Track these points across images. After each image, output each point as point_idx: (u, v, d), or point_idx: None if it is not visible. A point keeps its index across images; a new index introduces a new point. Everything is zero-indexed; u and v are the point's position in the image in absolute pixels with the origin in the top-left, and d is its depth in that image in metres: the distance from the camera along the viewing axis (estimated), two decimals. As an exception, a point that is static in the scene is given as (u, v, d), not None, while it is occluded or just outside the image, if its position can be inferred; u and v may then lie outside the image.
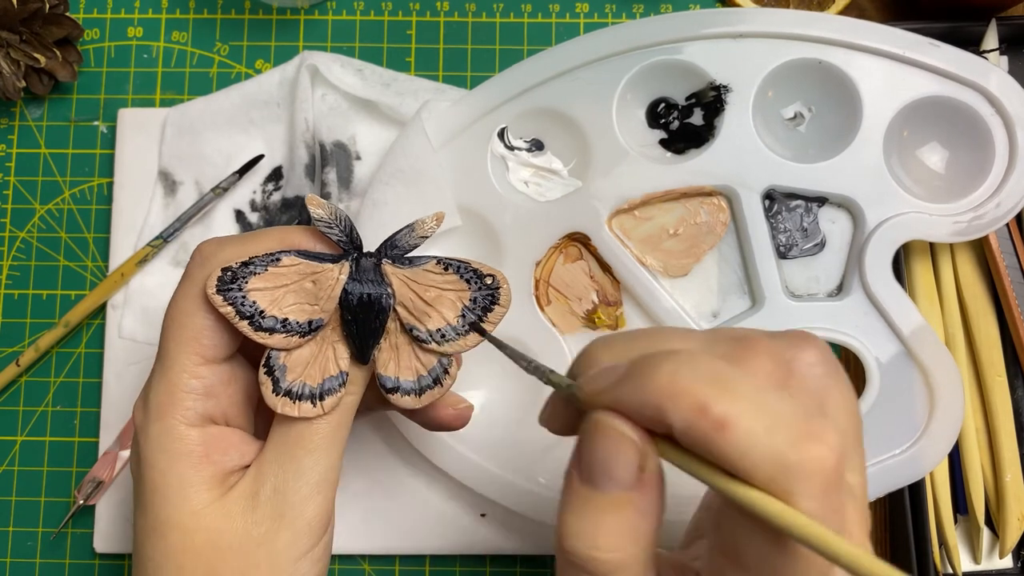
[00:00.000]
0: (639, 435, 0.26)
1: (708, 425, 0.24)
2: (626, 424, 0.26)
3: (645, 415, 0.25)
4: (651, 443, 0.26)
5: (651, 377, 0.25)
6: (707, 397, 0.24)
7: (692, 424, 0.24)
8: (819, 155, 0.46)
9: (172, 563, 0.33)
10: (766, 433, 0.24)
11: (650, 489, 0.27)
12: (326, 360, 0.35)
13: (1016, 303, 0.47)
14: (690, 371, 0.25)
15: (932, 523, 0.46)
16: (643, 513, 0.27)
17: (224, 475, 0.34)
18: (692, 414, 0.24)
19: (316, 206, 0.33)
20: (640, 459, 0.26)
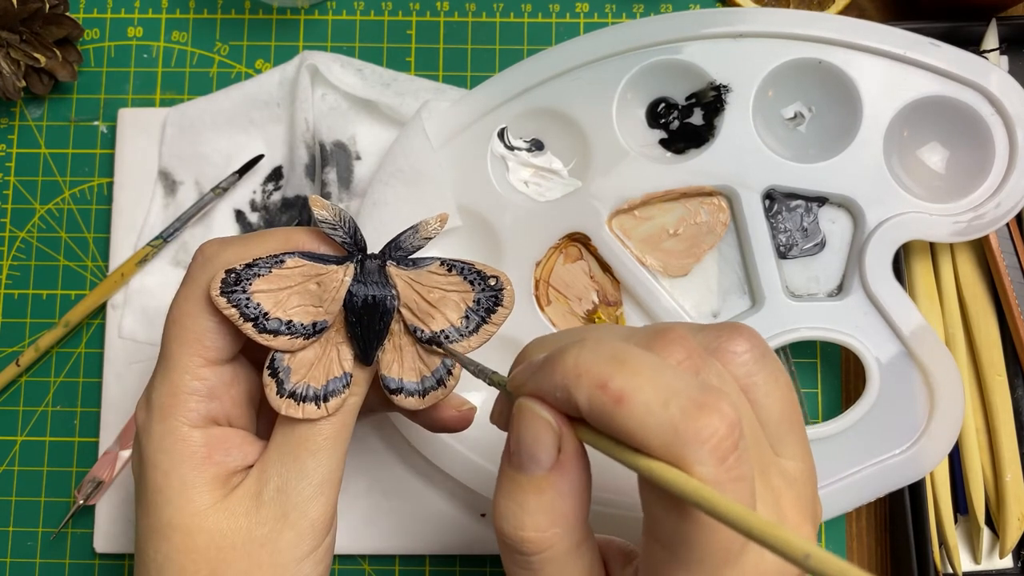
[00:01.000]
0: (556, 418, 0.28)
1: (608, 400, 0.25)
2: (543, 407, 0.28)
3: (558, 398, 0.27)
4: (568, 426, 0.28)
5: (560, 362, 0.27)
6: (606, 375, 0.26)
7: (593, 400, 0.26)
8: (819, 155, 0.46)
9: (174, 564, 0.33)
10: (661, 405, 0.25)
11: (569, 471, 0.28)
12: (330, 362, 0.34)
13: (1016, 303, 0.47)
14: (592, 353, 0.26)
15: (932, 523, 0.46)
16: (564, 494, 0.28)
17: (227, 476, 0.34)
18: (593, 391, 0.26)
19: (320, 207, 0.33)
20: (557, 440, 0.27)
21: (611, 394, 0.25)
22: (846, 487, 0.44)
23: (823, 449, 0.45)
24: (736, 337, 0.29)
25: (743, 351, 0.29)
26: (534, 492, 0.28)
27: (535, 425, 0.27)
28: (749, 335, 0.30)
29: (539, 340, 0.32)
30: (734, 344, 0.29)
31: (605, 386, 0.26)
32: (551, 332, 0.31)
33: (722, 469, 0.25)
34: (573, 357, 0.27)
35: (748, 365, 0.29)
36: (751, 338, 0.30)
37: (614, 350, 0.27)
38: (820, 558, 0.21)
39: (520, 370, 0.29)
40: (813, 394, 0.50)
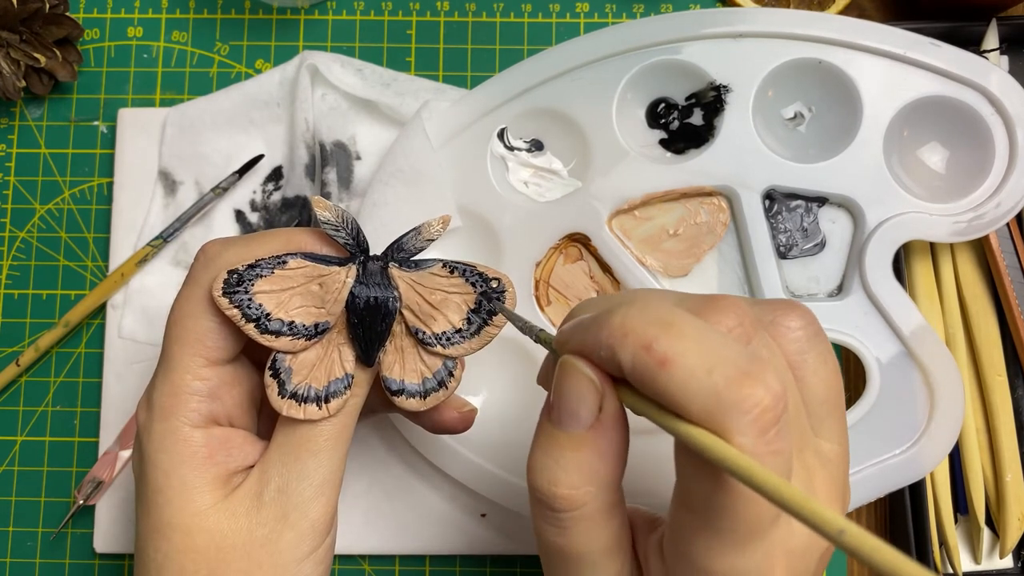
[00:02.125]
0: (599, 376, 0.27)
1: (652, 361, 0.25)
2: (587, 365, 0.28)
3: (603, 357, 0.27)
4: (611, 386, 0.27)
5: (607, 321, 0.27)
6: (652, 336, 0.25)
7: (637, 360, 0.26)
8: (819, 155, 0.46)
9: (175, 564, 0.33)
10: (705, 371, 0.25)
11: (608, 431, 0.28)
12: (332, 362, 0.35)
13: (1016, 303, 0.47)
14: (640, 314, 0.26)
15: (932, 523, 0.47)
16: (601, 454, 0.28)
17: (228, 476, 0.34)
18: (638, 351, 0.26)
19: (323, 209, 0.33)
20: (599, 399, 0.27)
21: (656, 356, 0.25)
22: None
23: (823, 449, 0.45)
24: (791, 313, 0.29)
25: (797, 327, 0.29)
26: (571, 449, 0.28)
27: (578, 382, 0.27)
28: (803, 313, 0.30)
29: (587, 301, 0.31)
30: (789, 319, 0.29)
31: (650, 347, 0.25)
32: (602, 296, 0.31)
33: (762, 441, 0.24)
34: (620, 316, 0.26)
35: (800, 342, 0.29)
36: (805, 315, 0.30)
37: (662, 312, 0.26)
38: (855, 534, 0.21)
39: (567, 327, 0.29)
40: (813, 394, 0.49)
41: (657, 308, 0.27)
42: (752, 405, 0.24)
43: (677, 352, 0.25)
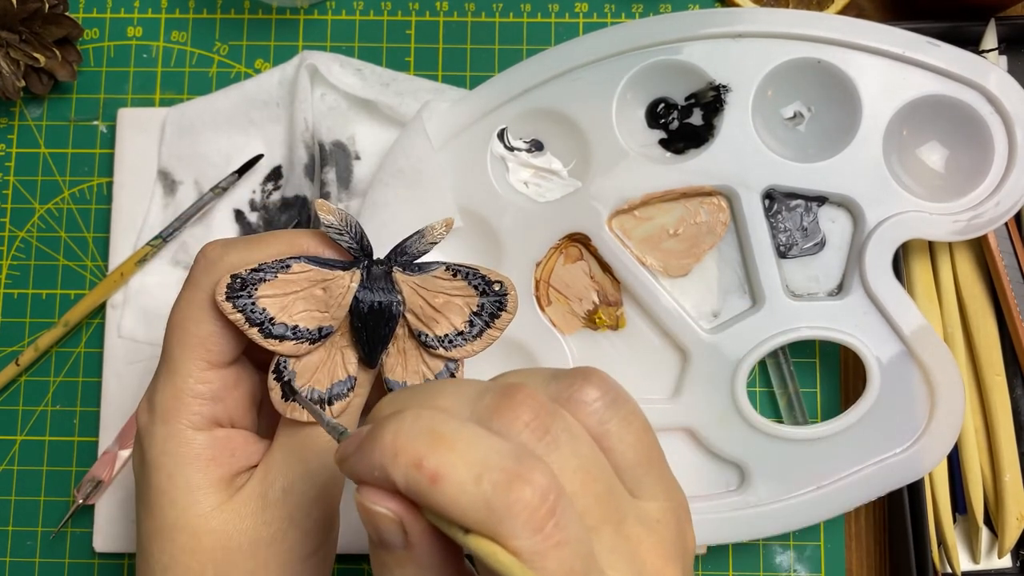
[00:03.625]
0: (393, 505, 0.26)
1: (423, 479, 0.25)
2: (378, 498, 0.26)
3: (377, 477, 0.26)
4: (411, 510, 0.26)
5: (379, 439, 0.26)
6: (422, 453, 0.25)
7: (410, 480, 0.25)
8: (819, 154, 0.46)
9: (180, 565, 0.33)
10: (474, 482, 0.24)
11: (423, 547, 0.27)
12: (335, 365, 0.35)
13: (1015, 303, 0.47)
14: (411, 428, 0.25)
15: (931, 523, 0.47)
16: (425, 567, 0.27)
17: (231, 477, 0.34)
18: (409, 470, 0.25)
19: (326, 212, 0.33)
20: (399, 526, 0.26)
21: (426, 473, 0.25)
22: (846, 487, 0.45)
23: (823, 449, 0.45)
24: (585, 386, 0.28)
25: (593, 399, 0.28)
26: (396, 566, 0.27)
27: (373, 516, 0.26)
28: (599, 381, 0.29)
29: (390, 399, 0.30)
30: (583, 393, 0.28)
31: (420, 465, 0.25)
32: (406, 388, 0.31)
33: (539, 539, 0.24)
34: (391, 432, 0.25)
35: (599, 413, 0.28)
36: (601, 384, 0.29)
37: (431, 424, 0.26)
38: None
39: (345, 444, 0.28)
40: (812, 394, 0.50)
41: (427, 419, 0.26)
42: (521, 507, 0.24)
43: (447, 465, 0.25)
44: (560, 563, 0.24)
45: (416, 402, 0.28)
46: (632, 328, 0.47)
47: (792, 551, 0.49)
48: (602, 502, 0.27)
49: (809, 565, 0.49)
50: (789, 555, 0.49)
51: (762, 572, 0.49)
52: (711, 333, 0.46)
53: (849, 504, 0.45)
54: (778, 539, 0.49)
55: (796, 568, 0.49)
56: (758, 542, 0.49)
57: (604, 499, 0.27)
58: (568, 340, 0.46)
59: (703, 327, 0.46)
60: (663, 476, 0.30)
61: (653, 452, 0.29)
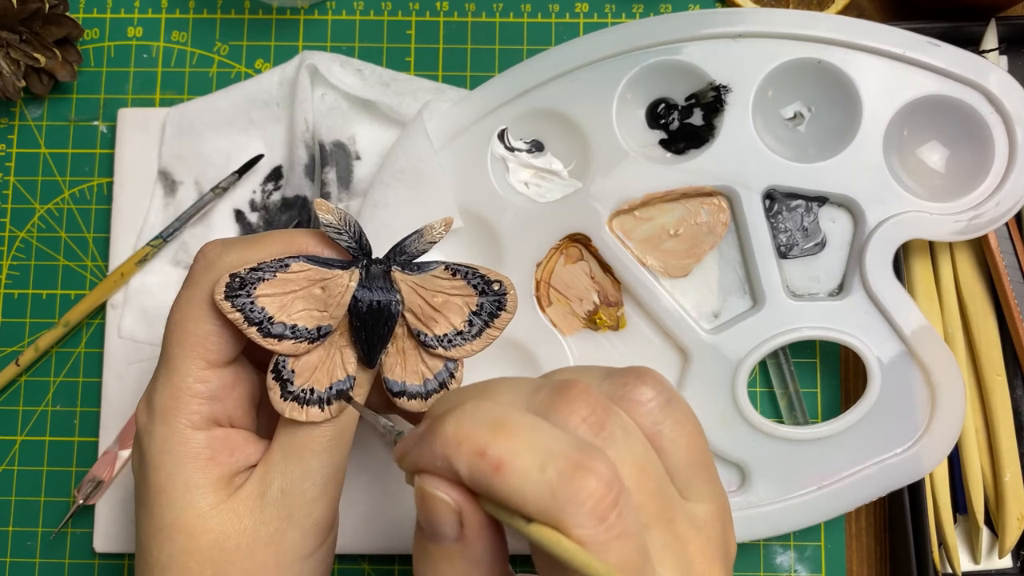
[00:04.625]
0: (453, 494, 0.27)
1: (487, 467, 0.25)
2: (439, 485, 0.27)
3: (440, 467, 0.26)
4: (470, 500, 0.27)
5: (440, 431, 0.26)
6: (485, 441, 0.25)
7: (473, 468, 0.25)
8: (819, 155, 0.46)
9: (178, 564, 0.33)
10: (538, 470, 0.25)
11: (476, 541, 0.27)
12: (333, 365, 0.35)
13: (1015, 303, 0.47)
14: (471, 419, 0.26)
15: (932, 523, 0.47)
16: (474, 562, 0.28)
17: (230, 476, 0.34)
18: (472, 458, 0.25)
19: (325, 211, 0.33)
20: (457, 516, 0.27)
21: (490, 461, 0.25)
22: (846, 487, 0.45)
23: (823, 449, 0.45)
24: (640, 386, 0.29)
25: (648, 399, 0.29)
26: (444, 561, 0.28)
27: (432, 503, 0.27)
28: (654, 382, 0.29)
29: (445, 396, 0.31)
30: (638, 393, 0.29)
31: (484, 453, 0.25)
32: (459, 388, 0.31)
33: (602, 528, 0.25)
34: (453, 424, 0.26)
35: (654, 413, 0.29)
36: (655, 385, 0.29)
37: (493, 414, 0.26)
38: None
39: (404, 440, 0.29)
40: (813, 394, 0.50)
41: (488, 410, 0.26)
42: (586, 496, 0.25)
43: (510, 454, 0.25)
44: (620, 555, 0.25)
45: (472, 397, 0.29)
46: (632, 328, 0.47)
47: (792, 551, 0.49)
48: (654, 500, 0.27)
49: (809, 565, 0.49)
50: (789, 555, 0.49)
51: (762, 572, 0.49)
52: (712, 333, 0.46)
53: (850, 504, 0.45)
54: (778, 539, 0.49)
55: (796, 568, 0.49)
56: (759, 542, 0.49)
57: (656, 497, 0.27)
58: (568, 341, 0.46)
59: (704, 327, 0.46)
60: (712, 479, 0.30)
61: (704, 455, 0.30)
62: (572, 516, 0.24)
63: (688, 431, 0.29)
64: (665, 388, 0.29)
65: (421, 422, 0.30)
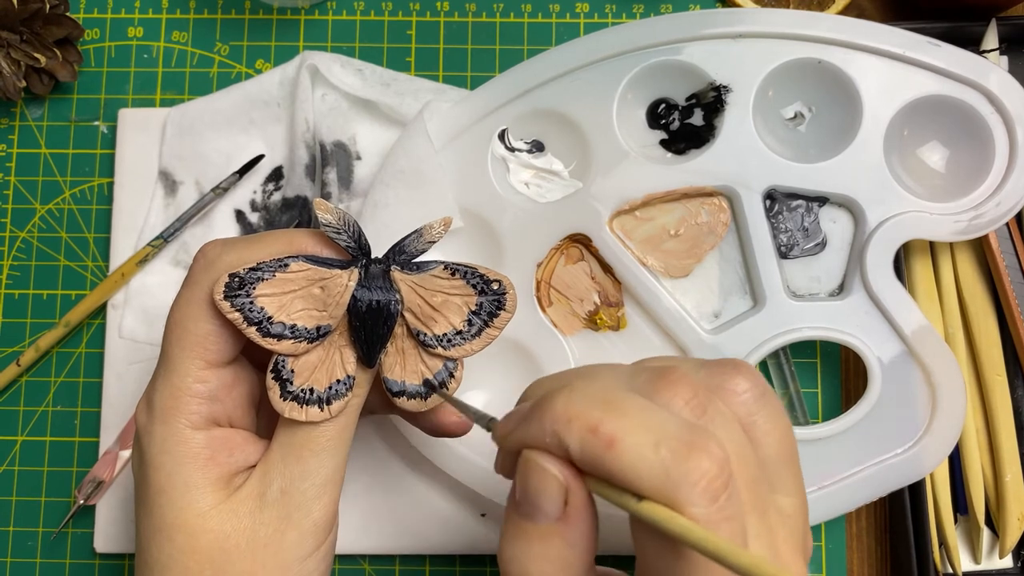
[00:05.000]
0: (562, 470, 0.27)
1: (599, 443, 0.26)
2: (549, 460, 0.27)
3: (548, 443, 0.27)
4: (577, 478, 0.27)
5: (549, 407, 0.27)
6: (597, 419, 0.26)
7: (585, 444, 0.26)
8: (820, 155, 0.46)
9: (178, 564, 0.33)
10: (651, 447, 0.25)
11: (577, 522, 0.28)
12: (333, 365, 0.35)
13: (1016, 303, 0.47)
14: (582, 397, 0.27)
15: (932, 523, 0.47)
16: (570, 544, 0.28)
17: (229, 476, 0.34)
18: (584, 435, 0.26)
19: (324, 211, 0.33)
20: (564, 493, 0.27)
21: (602, 438, 0.26)
22: (847, 487, 0.45)
23: (824, 449, 0.45)
24: (736, 376, 0.30)
25: (744, 390, 0.30)
26: (539, 540, 0.28)
27: (541, 478, 0.27)
28: (749, 373, 0.30)
29: (537, 380, 0.32)
30: (735, 383, 0.30)
31: (596, 430, 0.26)
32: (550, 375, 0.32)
33: (714, 508, 0.25)
34: (563, 402, 0.27)
35: (748, 404, 0.30)
36: (751, 376, 0.30)
37: (603, 393, 0.27)
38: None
39: (507, 418, 0.29)
40: (813, 394, 0.50)
41: (597, 389, 0.27)
42: (700, 475, 0.25)
43: (622, 431, 0.26)
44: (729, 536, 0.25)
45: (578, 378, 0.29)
46: (633, 329, 0.47)
47: (793, 551, 0.49)
48: (750, 488, 0.28)
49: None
50: (790, 555, 0.49)
51: (763, 572, 0.49)
52: (712, 333, 0.46)
53: (850, 504, 0.45)
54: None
55: (797, 569, 0.49)
56: (759, 542, 0.49)
57: (752, 486, 0.28)
58: (569, 341, 0.46)
59: (704, 328, 0.46)
60: (798, 475, 0.31)
61: (793, 450, 0.31)
62: (686, 494, 0.25)
63: (781, 424, 0.30)
64: (760, 381, 0.30)
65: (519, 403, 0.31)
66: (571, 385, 0.28)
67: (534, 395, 0.30)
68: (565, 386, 0.28)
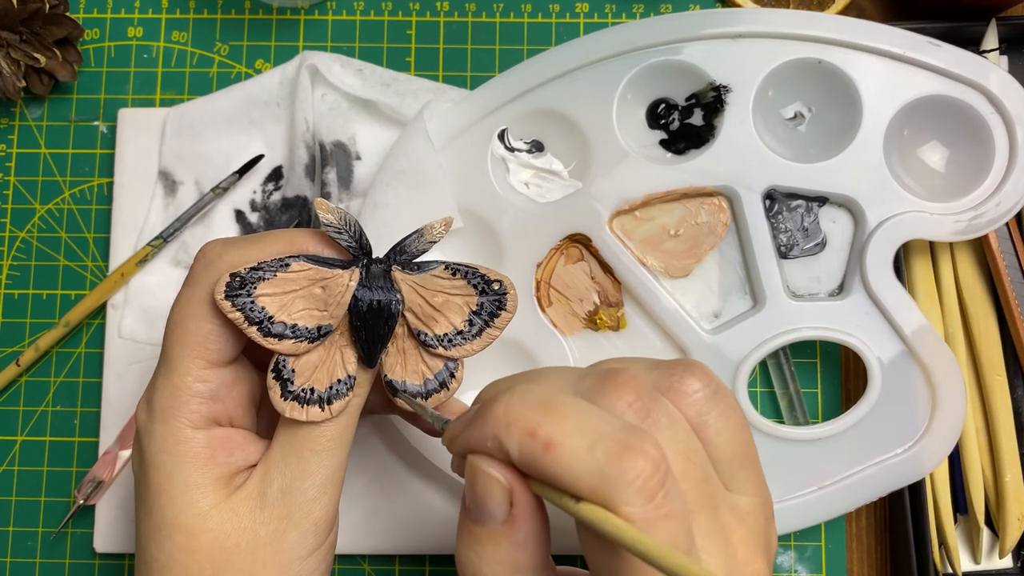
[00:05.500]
0: (505, 473, 0.28)
1: (537, 447, 0.26)
2: (492, 464, 0.28)
3: (490, 447, 0.27)
4: (520, 481, 0.28)
5: (491, 411, 0.27)
6: (535, 422, 0.26)
7: (523, 447, 0.26)
8: (819, 155, 0.46)
9: (178, 564, 0.33)
10: (587, 449, 0.26)
11: (523, 523, 0.28)
12: (334, 364, 0.34)
13: (1016, 303, 0.47)
14: (521, 400, 0.27)
15: (932, 523, 0.47)
16: (519, 545, 0.28)
17: (229, 476, 0.34)
18: (523, 438, 0.26)
19: (325, 211, 0.33)
20: (507, 495, 0.28)
21: (540, 441, 0.26)
22: (846, 487, 0.45)
23: (824, 449, 0.45)
24: (687, 377, 0.30)
25: (694, 390, 0.30)
26: (490, 543, 0.28)
27: (485, 482, 0.28)
28: (701, 374, 0.30)
29: (491, 384, 0.32)
30: (685, 384, 0.30)
31: (534, 433, 0.26)
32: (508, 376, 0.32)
33: (650, 507, 0.25)
34: (503, 405, 0.27)
35: (699, 404, 0.30)
36: (703, 377, 0.30)
37: (543, 396, 0.27)
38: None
39: (454, 423, 0.30)
40: (813, 394, 0.50)
41: (538, 392, 0.27)
42: (635, 475, 0.25)
43: (559, 434, 0.26)
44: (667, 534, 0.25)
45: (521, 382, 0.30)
46: (633, 329, 0.47)
47: (793, 551, 0.49)
48: (699, 487, 0.28)
49: (810, 565, 0.49)
50: (790, 555, 0.49)
51: (763, 573, 0.49)
52: (712, 334, 0.46)
53: (850, 504, 0.45)
54: (779, 539, 0.49)
55: (797, 568, 0.49)
56: (759, 542, 0.49)
57: (700, 485, 0.28)
58: (569, 341, 0.46)
59: (704, 328, 0.46)
60: (756, 473, 0.31)
61: (748, 448, 0.31)
62: (621, 494, 0.25)
63: (733, 423, 0.30)
64: (712, 380, 0.30)
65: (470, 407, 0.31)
66: (513, 389, 0.28)
67: (484, 398, 0.30)
68: (507, 390, 0.28)
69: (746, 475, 0.30)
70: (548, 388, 0.29)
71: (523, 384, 0.29)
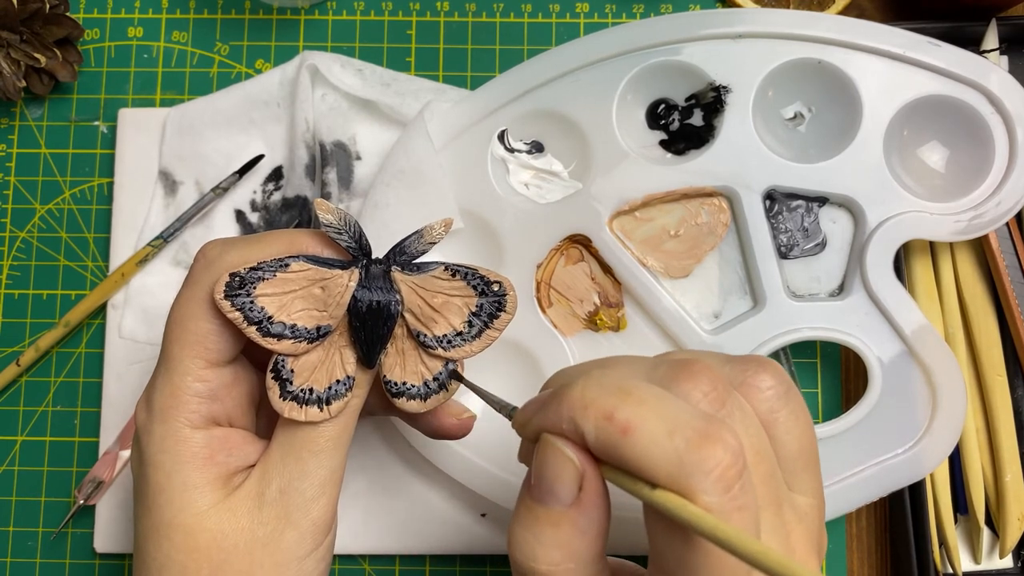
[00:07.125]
0: (579, 455, 0.28)
1: (615, 430, 0.26)
2: (567, 444, 0.28)
3: (565, 430, 0.27)
4: (593, 465, 0.28)
5: (567, 395, 0.27)
6: (612, 406, 0.26)
7: (600, 431, 0.26)
8: (819, 155, 0.46)
9: (176, 563, 0.33)
10: (666, 435, 0.26)
11: (589, 508, 0.28)
12: (333, 365, 0.35)
13: (1016, 303, 0.47)
14: (598, 385, 0.27)
15: (932, 523, 0.47)
16: (581, 531, 0.28)
17: (228, 476, 0.34)
18: (600, 421, 0.26)
19: (325, 211, 0.33)
20: (579, 478, 0.28)
21: (618, 425, 0.26)
22: (847, 487, 0.44)
23: (824, 449, 0.44)
24: (761, 373, 0.30)
25: (767, 387, 0.30)
26: (551, 525, 0.28)
27: (558, 461, 0.28)
28: (774, 371, 0.30)
29: (562, 371, 0.32)
30: (759, 380, 0.30)
31: (611, 417, 0.26)
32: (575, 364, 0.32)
33: (727, 498, 0.25)
34: (580, 389, 0.27)
35: (771, 401, 0.30)
36: (776, 375, 0.30)
37: (620, 381, 0.27)
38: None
39: (527, 405, 0.30)
40: (813, 394, 0.50)
41: (614, 377, 0.27)
42: (714, 464, 0.25)
43: (638, 419, 0.26)
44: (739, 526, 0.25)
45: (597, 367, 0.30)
46: (633, 329, 0.47)
47: (793, 552, 0.49)
48: (766, 483, 0.28)
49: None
50: (790, 556, 0.49)
51: (763, 573, 0.49)
52: (712, 334, 0.46)
53: (850, 505, 0.45)
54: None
55: (797, 569, 0.49)
56: (759, 543, 0.49)
57: (767, 481, 0.28)
58: (569, 342, 0.46)
59: (704, 328, 0.46)
60: (816, 475, 0.31)
61: (813, 450, 0.31)
62: (698, 483, 0.25)
63: (802, 423, 0.30)
64: (785, 379, 0.30)
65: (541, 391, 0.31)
66: (589, 373, 0.28)
67: (556, 383, 0.30)
68: (583, 374, 0.28)
69: (808, 476, 0.30)
70: (624, 374, 0.29)
71: (599, 369, 0.29)
